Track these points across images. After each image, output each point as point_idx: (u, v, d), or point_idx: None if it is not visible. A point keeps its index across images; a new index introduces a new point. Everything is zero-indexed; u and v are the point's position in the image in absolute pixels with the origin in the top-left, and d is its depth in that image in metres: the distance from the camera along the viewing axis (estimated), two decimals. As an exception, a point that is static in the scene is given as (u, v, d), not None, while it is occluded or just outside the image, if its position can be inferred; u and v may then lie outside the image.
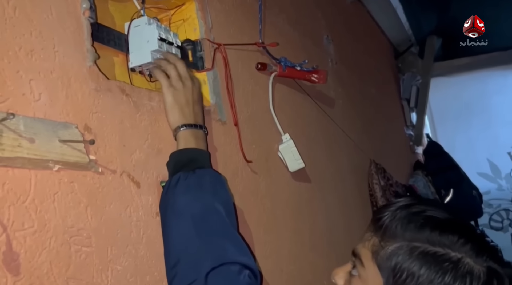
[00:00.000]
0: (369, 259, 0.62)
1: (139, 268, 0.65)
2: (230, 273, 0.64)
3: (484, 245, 0.59)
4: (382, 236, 0.61)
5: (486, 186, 3.33)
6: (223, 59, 0.97)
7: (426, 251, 0.58)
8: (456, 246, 0.57)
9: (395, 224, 0.61)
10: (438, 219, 0.60)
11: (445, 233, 0.58)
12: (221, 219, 0.70)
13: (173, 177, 0.70)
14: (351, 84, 2.03)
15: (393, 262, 0.59)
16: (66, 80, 0.60)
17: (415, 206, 0.63)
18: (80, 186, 0.58)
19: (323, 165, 1.47)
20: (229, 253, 0.66)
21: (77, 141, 0.57)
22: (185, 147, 0.74)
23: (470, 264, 0.57)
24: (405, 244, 0.59)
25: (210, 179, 0.73)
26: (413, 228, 0.60)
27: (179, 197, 0.68)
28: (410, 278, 0.57)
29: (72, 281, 0.54)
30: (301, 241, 1.19)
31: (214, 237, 0.67)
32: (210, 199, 0.70)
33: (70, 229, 0.56)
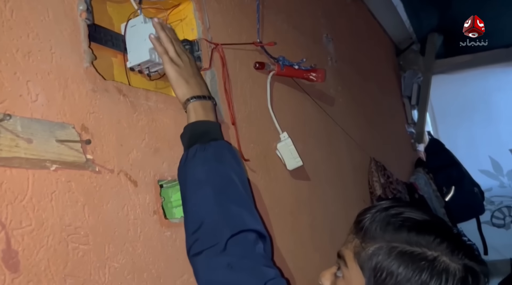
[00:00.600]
0: (352, 260, 0.65)
1: (136, 266, 0.66)
2: (247, 242, 0.70)
3: (460, 243, 0.62)
4: (363, 237, 0.65)
5: (487, 183, 3.32)
6: (221, 59, 0.98)
7: (404, 250, 0.60)
8: (433, 245, 0.60)
9: (374, 226, 0.64)
10: (415, 220, 0.64)
11: (421, 233, 0.61)
12: (238, 189, 0.75)
13: (190, 149, 0.75)
14: (351, 82, 2.03)
15: (373, 262, 0.62)
16: (63, 81, 0.61)
17: (393, 208, 0.66)
18: (77, 185, 0.59)
19: (322, 163, 1.48)
20: (246, 221, 0.72)
21: (74, 141, 0.58)
22: (196, 120, 0.78)
23: (446, 262, 0.59)
24: (384, 245, 0.62)
25: (225, 151, 0.78)
26: (391, 230, 0.63)
27: (198, 168, 0.72)
28: (389, 277, 0.60)
29: (70, 278, 0.55)
30: (300, 239, 1.20)
31: (233, 206, 0.72)
32: (228, 170, 0.75)
33: (67, 228, 0.57)
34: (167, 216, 0.76)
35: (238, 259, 0.68)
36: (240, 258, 0.68)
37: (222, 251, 0.67)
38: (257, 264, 0.69)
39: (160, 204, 0.74)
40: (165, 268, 0.71)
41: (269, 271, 0.69)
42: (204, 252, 0.68)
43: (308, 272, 1.19)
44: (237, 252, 0.68)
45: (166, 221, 0.75)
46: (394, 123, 2.89)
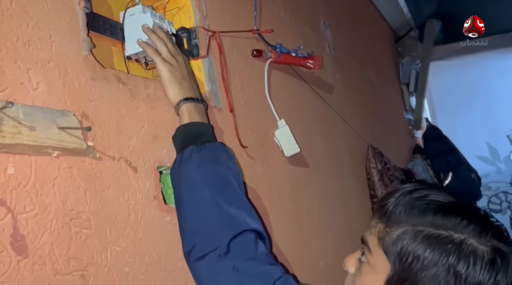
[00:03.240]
0: (376, 245, 0.64)
1: (137, 249, 0.68)
2: (249, 243, 0.69)
3: (488, 225, 0.61)
4: (387, 222, 0.63)
5: (485, 169, 3.35)
6: (218, 47, 0.99)
7: (430, 234, 0.59)
8: (459, 228, 0.59)
9: (399, 210, 0.63)
10: (441, 202, 0.62)
11: (447, 216, 0.60)
12: (236, 190, 0.74)
13: (185, 150, 0.73)
14: (349, 69, 2.04)
15: (398, 246, 0.61)
16: (63, 69, 0.62)
17: (418, 191, 0.64)
18: (78, 171, 0.61)
19: (320, 150, 1.49)
20: (247, 221, 0.71)
21: (74, 128, 0.59)
22: (190, 121, 0.77)
23: (473, 244, 0.58)
24: (409, 229, 0.61)
25: (221, 152, 0.77)
26: (416, 213, 0.62)
27: (194, 169, 0.71)
28: (415, 261, 0.59)
29: (73, 261, 0.57)
30: (298, 223, 1.22)
31: (232, 207, 0.70)
32: (224, 171, 0.74)
33: (70, 212, 0.58)
34: (166, 202, 0.78)
35: (243, 261, 0.67)
36: (245, 260, 0.67)
37: (225, 254, 0.66)
38: (262, 264, 0.69)
39: (160, 190, 0.76)
40: (165, 252, 0.73)
41: (275, 269, 0.69)
42: (206, 257, 0.66)
43: (306, 256, 1.22)
44: (240, 254, 0.67)
45: (166, 206, 0.76)
46: (392, 110, 2.90)
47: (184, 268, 0.73)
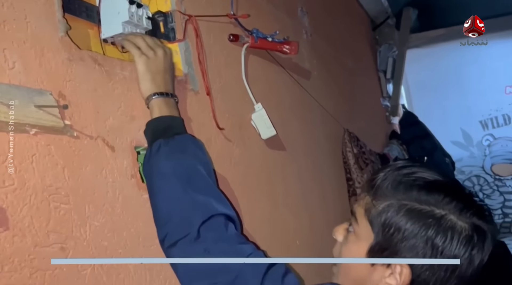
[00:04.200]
0: (362, 216, 0.68)
1: (116, 225, 0.70)
2: (218, 226, 0.72)
3: (470, 203, 0.64)
4: (374, 195, 0.67)
5: (458, 154, 3.46)
6: (194, 31, 1.01)
7: (413, 208, 0.63)
8: (441, 204, 0.62)
9: (386, 184, 0.66)
10: (427, 179, 0.65)
11: (431, 192, 0.63)
12: (204, 179, 0.77)
13: (154, 144, 0.75)
14: (326, 55, 2.07)
15: (382, 218, 0.64)
16: (39, 50, 0.64)
17: (406, 168, 0.67)
18: (56, 149, 0.63)
19: (296, 134, 1.53)
20: (215, 206, 0.74)
21: (51, 106, 0.61)
22: (160, 115, 0.78)
23: (453, 220, 0.62)
24: (394, 203, 0.64)
25: (189, 143, 0.79)
26: (402, 188, 0.65)
27: (163, 162, 0.73)
28: (397, 232, 0.63)
29: (53, 234, 0.60)
30: (274, 203, 1.25)
31: (200, 195, 0.73)
32: (192, 161, 0.77)
33: (48, 188, 0.60)
34: (144, 181, 0.80)
35: (213, 243, 0.70)
36: (215, 242, 0.70)
37: (196, 238, 0.69)
38: (233, 244, 0.72)
39: (137, 169, 0.78)
40: (143, 228, 0.76)
41: (245, 247, 0.72)
42: (178, 243, 0.69)
43: (282, 235, 1.26)
44: (211, 237, 0.70)
45: (144, 184, 0.78)
46: (369, 96, 2.96)
47: (162, 243, 0.75)
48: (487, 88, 3.48)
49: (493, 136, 3.50)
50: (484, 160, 3.50)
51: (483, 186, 3.52)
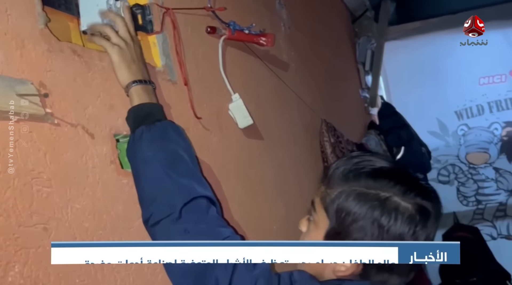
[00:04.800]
0: (319, 204, 0.74)
1: (96, 208, 0.74)
2: (200, 208, 0.76)
3: (414, 185, 0.70)
4: (328, 184, 0.74)
5: (435, 143, 3.56)
6: (172, 23, 1.04)
7: (361, 193, 0.69)
8: (386, 188, 0.69)
9: (337, 173, 0.73)
10: (374, 166, 0.72)
11: (378, 178, 0.70)
12: (186, 163, 0.80)
13: (136, 131, 0.79)
14: (304, 48, 2.12)
15: (335, 204, 0.71)
16: (20, 41, 0.67)
17: (357, 157, 0.74)
18: (38, 136, 0.66)
19: (274, 124, 1.58)
20: (197, 189, 0.77)
21: (33, 94, 0.64)
22: (140, 102, 0.82)
23: (397, 201, 0.68)
24: (345, 189, 0.71)
25: (170, 129, 0.82)
26: (352, 176, 0.71)
27: (145, 148, 0.77)
28: (347, 215, 0.69)
29: (36, 215, 0.63)
30: (251, 191, 1.30)
31: (182, 178, 0.77)
32: (174, 147, 0.80)
33: (31, 172, 0.64)
34: (123, 167, 0.84)
35: (194, 224, 0.73)
36: (196, 223, 0.74)
37: (177, 219, 0.73)
38: (212, 226, 0.75)
39: (116, 155, 0.82)
40: (123, 211, 0.80)
41: (224, 230, 0.76)
42: (161, 222, 0.73)
43: (259, 221, 1.31)
44: (192, 218, 0.74)
45: (123, 170, 0.82)
46: (348, 88, 3.02)
47: (141, 226, 0.80)
48: (462, 80, 3.59)
49: (467, 126, 3.62)
50: (459, 149, 3.62)
51: (458, 174, 3.63)
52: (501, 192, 3.53)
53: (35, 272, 0.62)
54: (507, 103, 3.55)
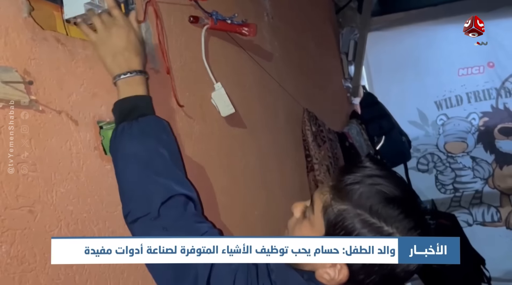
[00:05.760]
0: (319, 210, 0.73)
1: (80, 192, 0.77)
2: (178, 206, 0.77)
3: (419, 223, 0.69)
4: (334, 196, 0.72)
5: (415, 133, 3.65)
6: (154, 12, 1.06)
7: (365, 219, 0.68)
8: (392, 221, 0.67)
9: (348, 189, 0.71)
10: (386, 194, 0.69)
11: (387, 208, 0.68)
12: (164, 161, 0.80)
13: (119, 126, 0.80)
14: (287, 38, 2.14)
15: (336, 220, 0.70)
16: (4, 30, 0.69)
17: (372, 177, 0.71)
18: (23, 122, 0.69)
19: (257, 113, 1.61)
20: (174, 188, 0.78)
21: (17, 81, 0.66)
22: (124, 96, 0.83)
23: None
24: (350, 209, 0.69)
25: (152, 125, 0.83)
26: (362, 197, 0.69)
27: (125, 144, 0.78)
28: (344, 235, 0.69)
29: (22, 198, 0.66)
30: (233, 177, 1.34)
31: (159, 177, 0.78)
32: (153, 143, 0.80)
33: (16, 157, 0.66)
34: (107, 153, 0.86)
35: (172, 221, 0.74)
36: (174, 221, 0.75)
37: (156, 217, 0.74)
38: (190, 222, 0.77)
39: (100, 142, 0.84)
40: (106, 195, 0.82)
41: (202, 226, 0.77)
42: (139, 220, 0.75)
43: (241, 206, 1.35)
44: (170, 216, 0.75)
45: (107, 156, 0.85)
46: (331, 78, 3.06)
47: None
48: (441, 70, 3.67)
49: (446, 116, 3.71)
50: (438, 139, 3.71)
51: (437, 163, 3.73)
52: (477, 180, 3.64)
53: (21, 252, 0.65)
54: (485, 94, 3.65)
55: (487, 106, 3.65)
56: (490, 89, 3.63)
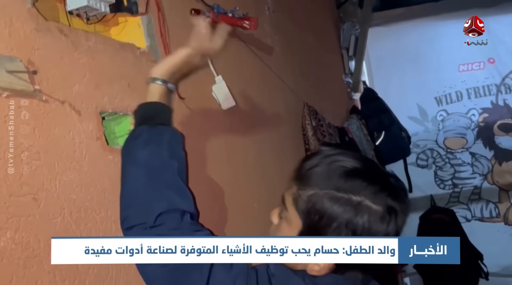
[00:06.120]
0: (291, 204, 0.73)
1: (83, 181, 0.78)
2: (174, 216, 0.76)
3: (384, 186, 0.70)
4: (299, 185, 0.73)
5: (414, 128, 3.65)
6: (156, 4, 1.07)
7: (333, 196, 0.69)
8: (358, 190, 0.69)
9: (309, 174, 0.72)
10: (346, 168, 0.71)
11: (350, 180, 0.69)
12: (173, 174, 0.80)
13: (137, 129, 0.81)
14: (288, 32, 2.15)
15: (307, 207, 0.71)
16: (8, 20, 0.69)
17: (328, 157, 0.73)
18: (27, 111, 0.70)
19: (257, 106, 1.62)
20: (176, 202, 0.78)
21: (22, 71, 0.67)
22: (155, 100, 0.84)
23: (368, 205, 0.68)
24: (317, 192, 0.70)
25: (168, 137, 0.82)
26: (324, 178, 0.71)
27: (139, 148, 0.78)
28: (320, 219, 0.69)
29: (26, 186, 0.67)
30: (233, 170, 1.35)
31: (164, 188, 0.78)
32: (166, 155, 0.80)
33: (21, 145, 0.68)
34: (109, 144, 0.88)
35: (168, 230, 0.74)
36: (169, 230, 0.74)
37: (151, 227, 0.74)
38: (187, 231, 0.76)
39: (102, 132, 0.85)
40: (109, 185, 0.84)
41: (199, 233, 0.76)
42: (134, 228, 0.74)
43: (240, 199, 1.36)
44: (166, 226, 0.74)
45: (108, 147, 0.86)
46: (332, 73, 3.07)
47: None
48: (442, 66, 3.66)
49: (446, 111, 3.71)
50: (438, 135, 3.72)
51: (436, 158, 3.74)
52: (476, 176, 3.65)
53: (26, 238, 0.66)
54: (485, 90, 3.65)
55: (487, 102, 3.66)
56: (490, 85, 3.64)
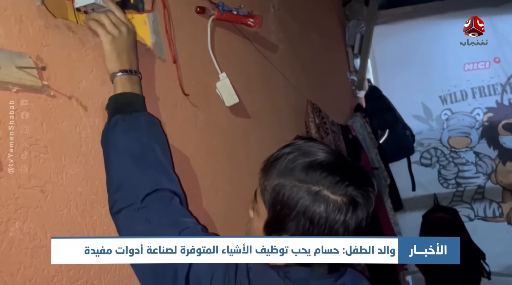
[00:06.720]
0: (259, 196, 0.78)
1: (89, 174, 0.80)
2: (162, 199, 0.79)
3: (345, 176, 0.72)
4: (265, 176, 0.77)
5: (418, 127, 3.65)
6: (162, 2, 1.09)
7: (294, 187, 0.72)
8: (317, 181, 0.72)
9: (273, 166, 0.76)
10: (308, 160, 0.74)
11: (310, 172, 0.72)
12: (156, 155, 0.83)
13: (112, 118, 0.81)
14: (293, 30, 2.16)
15: (271, 197, 0.75)
16: (18, 17, 0.71)
17: (292, 153, 0.76)
18: (35, 106, 0.72)
19: (261, 103, 1.64)
20: (161, 182, 0.80)
21: (31, 67, 0.69)
22: (122, 91, 0.85)
23: (326, 195, 0.71)
24: (280, 183, 0.74)
25: (145, 121, 0.85)
26: (287, 170, 0.74)
27: (118, 136, 0.80)
28: (282, 209, 0.73)
29: (34, 178, 0.69)
30: (237, 165, 1.37)
31: (149, 170, 0.80)
32: (146, 138, 0.83)
33: (29, 139, 0.70)
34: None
35: (155, 214, 0.76)
36: (157, 213, 0.76)
37: (139, 208, 0.75)
38: (174, 216, 0.78)
39: (108, 127, 0.87)
40: (114, 179, 0.86)
41: (186, 221, 0.78)
42: (123, 210, 0.76)
43: (243, 193, 1.38)
44: (154, 208, 0.76)
45: (114, 141, 0.88)
46: (336, 71, 3.08)
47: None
48: (447, 65, 3.65)
49: (451, 110, 3.71)
50: (442, 133, 3.71)
51: (440, 157, 3.74)
52: (480, 176, 3.65)
53: (33, 229, 0.68)
54: (490, 89, 3.64)
55: (492, 102, 3.65)
56: (495, 84, 3.62)
